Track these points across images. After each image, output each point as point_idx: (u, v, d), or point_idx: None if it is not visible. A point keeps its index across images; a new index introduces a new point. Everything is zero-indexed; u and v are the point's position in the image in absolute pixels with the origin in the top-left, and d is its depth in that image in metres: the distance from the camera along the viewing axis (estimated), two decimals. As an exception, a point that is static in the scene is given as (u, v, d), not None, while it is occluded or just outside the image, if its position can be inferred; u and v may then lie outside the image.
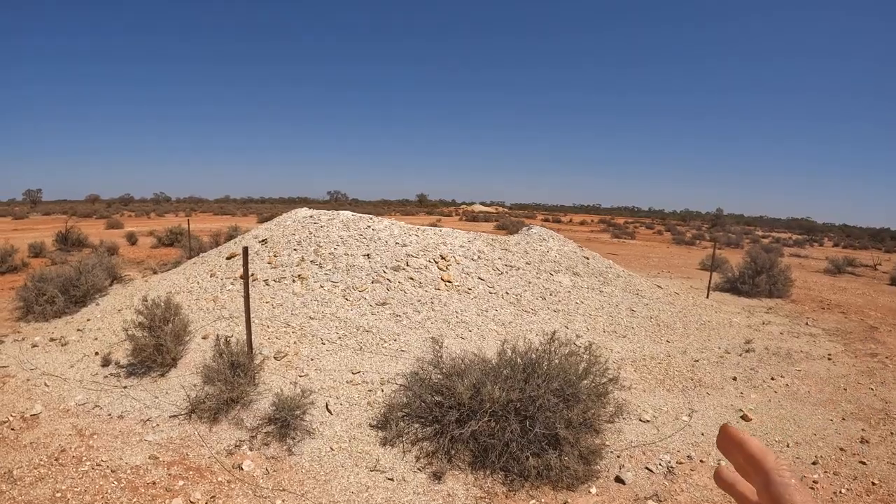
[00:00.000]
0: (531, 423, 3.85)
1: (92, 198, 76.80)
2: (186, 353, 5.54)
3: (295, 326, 5.98)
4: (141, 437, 4.19)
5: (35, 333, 6.81)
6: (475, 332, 6.21)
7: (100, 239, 17.81)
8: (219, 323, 6.17)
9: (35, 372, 5.49)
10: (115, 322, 6.71)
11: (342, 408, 4.59)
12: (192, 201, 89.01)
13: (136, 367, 5.32)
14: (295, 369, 5.22)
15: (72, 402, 4.79)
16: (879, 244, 40.25)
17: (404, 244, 7.99)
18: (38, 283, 7.86)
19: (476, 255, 8.23)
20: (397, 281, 6.98)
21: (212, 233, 17.26)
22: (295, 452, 3.97)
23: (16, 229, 27.35)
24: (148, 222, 35.13)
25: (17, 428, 4.33)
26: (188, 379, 5.07)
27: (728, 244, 29.81)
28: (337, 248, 7.73)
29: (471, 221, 44.10)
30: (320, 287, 6.79)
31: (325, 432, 4.24)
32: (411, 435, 4.12)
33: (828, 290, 13.74)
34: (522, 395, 3.91)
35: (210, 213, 53.27)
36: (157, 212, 51.42)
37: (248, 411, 4.49)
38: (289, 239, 8.23)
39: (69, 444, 4.08)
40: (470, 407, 3.96)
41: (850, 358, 7.25)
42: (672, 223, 60.94)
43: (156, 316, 5.44)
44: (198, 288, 7.28)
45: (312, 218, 9.07)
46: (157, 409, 4.61)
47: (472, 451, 3.91)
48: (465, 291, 7.07)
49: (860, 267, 19.66)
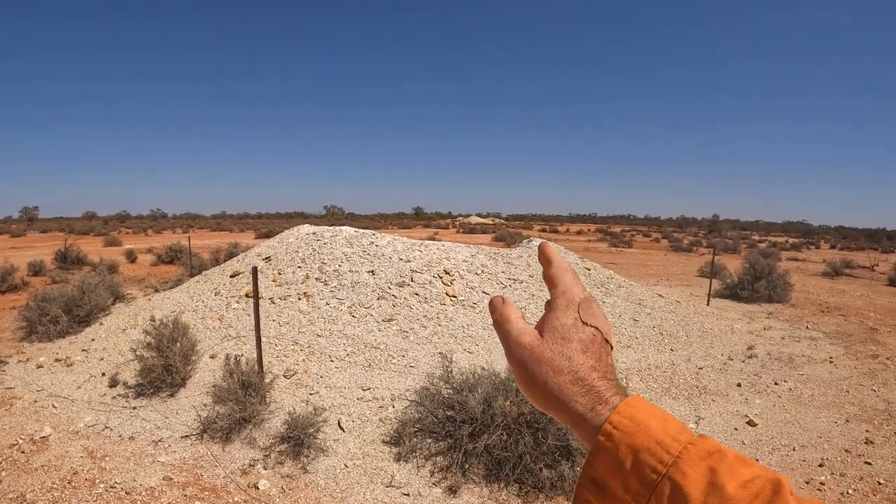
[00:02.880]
0: (544, 434, 3.89)
1: (89, 215, 76.78)
2: (195, 372, 5.55)
3: (303, 344, 6.00)
4: (153, 458, 4.19)
5: (39, 354, 6.81)
6: (482, 346, 6.24)
7: (99, 257, 17.79)
8: (226, 342, 6.18)
9: (42, 393, 5.49)
10: (120, 342, 6.71)
11: (354, 424, 4.61)
12: (189, 217, 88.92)
13: (144, 388, 5.33)
14: (305, 387, 5.23)
15: (81, 424, 4.79)
16: (876, 244, 40.52)
17: (408, 260, 8.03)
18: (40, 302, 7.85)
19: (479, 269, 8.28)
20: (403, 297, 7.02)
21: (211, 249, 17.28)
22: (310, 470, 3.99)
23: (13, 247, 27.30)
24: (146, 239, 35.12)
25: (28, 451, 4.33)
26: (198, 399, 5.07)
27: (725, 250, 29.96)
28: (341, 265, 7.77)
29: (468, 234, 44.12)
30: (326, 304, 6.82)
31: (338, 449, 4.26)
32: (425, 450, 4.14)
33: (826, 293, 13.84)
34: (534, 408, 3.95)
35: (207, 228, 53.25)
36: (154, 228, 51.43)
37: (261, 430, 4.50)
38: (292, 256, 8.26)
39: (81, 466, 4.08)
40: (482, 421, 3.99)
41: (851, 360, 7.31)
42: (669, 230, 61.18)
43: (164, 336, 5.45)
44: (203, 307, 7.29)
45: (315, 235, 9.11)
46: (168, 430, 4.62)
47: (486, 465, 3.94)
48: (471, 306, 7.11)
49: (857, 268, 19.82)
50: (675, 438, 0.50)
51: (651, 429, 0.51)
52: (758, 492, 0.46)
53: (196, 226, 58.14)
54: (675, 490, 0.48)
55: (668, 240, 40.14)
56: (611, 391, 0.54)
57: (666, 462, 0.49)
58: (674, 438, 0.50)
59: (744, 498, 0.46)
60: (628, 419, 0.52)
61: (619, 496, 0.51)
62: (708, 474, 0.48)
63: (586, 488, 0.52)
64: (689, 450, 0.49)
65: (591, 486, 0.52)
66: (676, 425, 0.52)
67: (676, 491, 0.48)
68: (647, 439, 0.50)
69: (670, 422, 0.52)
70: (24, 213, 73.65)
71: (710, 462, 0.48)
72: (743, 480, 0.47)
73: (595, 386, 0.54)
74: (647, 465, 0.49)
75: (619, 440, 0.51)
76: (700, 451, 0.49)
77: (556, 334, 0.55)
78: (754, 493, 0.46)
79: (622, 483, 0.50)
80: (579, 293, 0.58)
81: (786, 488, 0.47)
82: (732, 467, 0.48)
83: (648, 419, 0.52)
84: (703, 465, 0.48)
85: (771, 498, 0.46)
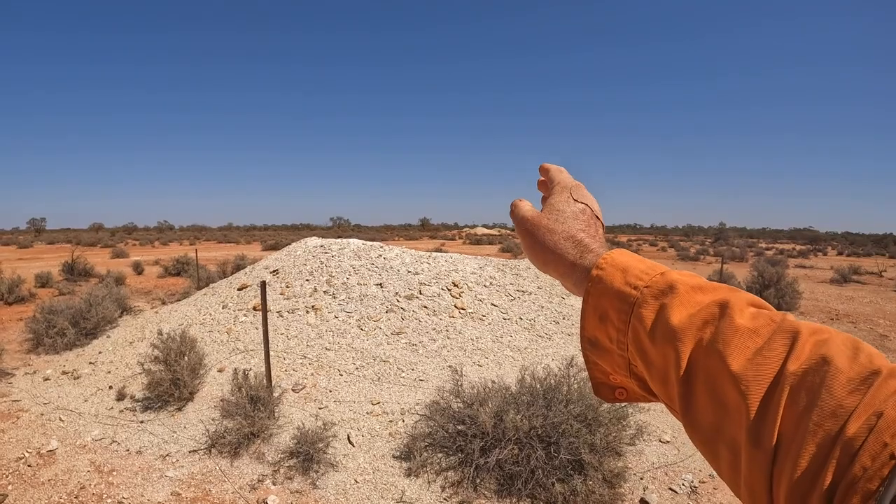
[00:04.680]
0: (556, 448, 3.83)
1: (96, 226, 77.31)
2: (203, 386, 5.52)
3: (311, 358, 5.97)
4: (161, 472, 4.15)
5: (46, 366, 6.80)
6: (491, 358, 6.19)
7: (106, 268, 17.84)
8: (234, 356, 6.15)
9: (49, 406, 5.46)
10: (127, 355, 6.70)
11: (364, 439, 4.56)
12: (196, 229, 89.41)
13: (152, 402, 5.30)
14: (314, 401, 5.19)
15: (88, 438, 4.76)
16: (883, 250, 40.26)
17: (416, 272, 8.01)
18: (47, 314, 7.86)
19: (488, 280, 8.24)
20: (411, 309, 6.99)
21: (218, 262, 17.30)
22: (319, 486, 3.93)
23: (21, 258, 27.49)
24: (153, 251, 35.27)
25: (34, 464, 4.30)
26: (206, 413, 5.04)
27: (732, 258, 29.78)
28: (349, 278, 7.75)
29: (474, 245, 43.91)
30: (335, 317, 6.79)
31: (348, 464, 4.20)
32: (435, 465, 4.09)
33: (835, 300, 13.72)
34: (545, 422, 3.90)
35: (214, 240, 53.47)
36: (161, 240, 51.69)
37: (269, 445, 4.46)
38: (300, 269, 8.25)
39: (88, 480, 4.05)
40: (493, 435, 3.94)
41: (864, 371, 7.21)
42: (675, 239, 61.00)
43: (171, 349, 5.43)
44: (210, 320, 7.28)
45: (323, 247, 9.10)
46: (175, 444, 4.58)
47: (498, 479, 3.88)
48: (480, 318, 7.07)
49: (865, 274, 19.67)
50: (640, 278, 0.54)
51: (630, 268, 0.55)
52: (706, 318, 0.48)
53: (203, 237, 58.41)
54: (636, 335, 0.52)
55: (675, 249, 39.98)
56: (596, 244, 0.61)
57: (631, 303, 0.53)
58: (638, 278, 0.54)
59: (691, 327, 0.48)
60: (610, 264, 0.56)
61: (608, 348, 0.56)
62: (660, 310, 0.51)
63: (586, 349, 0.58)
64: (644, 292, 0.52)
65: (589, 346, 0.58)
66: (646, 265, 0.56)
67: (637, 335, 0.52)
68: (622, 283, 0.54)
69: (644, 263, 0.57)
70: (32, 225, 74.32)
71: (663, 300, 0.51)
72: (691, 312, 0.49)
73: (583, 241, 0.61)
74: (622, 311, 0.53)
75: (600, 292, 0.55)
76: (654, 290, 0.52)
77: (552, 209, 0.65)
78: (703, 321, 0.48)
79: (606, 334, 0.55)
80: (571, 181, 0.70)
81: (734, 305, 0.48)
82: (684, 298, 0.50)
83: (628, 260, 0.57)
84: (656, 304, 0.51)
85: (718, 321, 0.47)
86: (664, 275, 0.53)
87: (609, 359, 0.56)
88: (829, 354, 0.41)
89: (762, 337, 0.45)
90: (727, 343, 0.45)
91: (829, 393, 0.39)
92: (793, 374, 0.41)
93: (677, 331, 0.48)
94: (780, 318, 0.47)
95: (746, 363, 0.44)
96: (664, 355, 0.49)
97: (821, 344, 0.43)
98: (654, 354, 0.50)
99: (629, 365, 0.54)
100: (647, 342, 0.50)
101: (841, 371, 0.40)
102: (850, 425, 0.37)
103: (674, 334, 0.48)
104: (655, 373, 0.50)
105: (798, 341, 0.43)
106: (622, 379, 0.57)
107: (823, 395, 0.39)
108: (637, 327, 0.51)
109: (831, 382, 0.39)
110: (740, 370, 0.43)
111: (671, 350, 0.48)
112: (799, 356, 0.42)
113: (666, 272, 0.54)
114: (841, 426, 0.37)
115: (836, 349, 0.42)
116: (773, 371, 0.43)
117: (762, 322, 0.46)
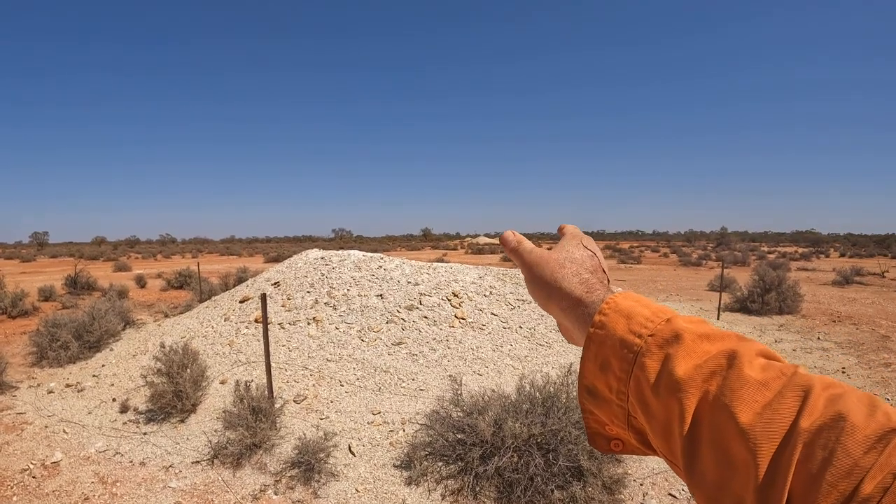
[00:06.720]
0: (555, 456, 3.86)
1: (98, 240, 77.57)
2: (205, 398, 5.57)
3: (313, 369, 6.01)
4: (164, 483, 4.19)
5: (50, 379, 6.85)
6: (492, 367, 6.22)
7: (109, 282, 17.94)
8: (236, 367, 6.20)
9: (53, 418, 5.51)
10: (130, 367, 6.75)
11: (365, 449, 4.60)
12: (198, 242, 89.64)
13: (155, 414, 5.34)
14: (315, 412, 5.23)
15: (92, 449, 4.80)
16: (885, 251, 40.16)
17: (416, 283, 8.06)
18: (51, 328, 7.92)
19: (488, 290, 8.29)
20: (411, 320, 7.04)
21: (220, 274, 17.37)
22: (321, 495, 3.97)
23: (24, 272, 27.58)
24: (155, 264, 35.39)
25: (39, 476, 4.34)
26: (208, 424, 5.08)
27: (735, 262, 29.78)
28: (350, 290, 7.81)
29: (476, 254, 43.89)
30: (335, 329, 6.84)
31: (349, 474, 4.24)
32: (435, 473, 4.12)
33: (837, 301, 13.69)
34: (544, 429, 3.93)
35: (216, 253, 53.60)
36: (163, 253, 51.83)
37: (271, 456, 4.49)
38: (301, 281, 8.31)
39: (92, 492, 4.09)
40: (493, 443, 3.98)
41: (864, 370, 7.22)
42: (677, 244, 60.97)
43: (174, 362, 5.48)
44: (213, 332, 7.33)
45: (324, 259, 9.17)
46: (178, 456, 4.62)
47: (497, 487, 3.91)
48: (480, 328, 7.11)
49: (867, 276, 19.64)
50: (644, 325, 0.52)
51: (634, 314, 0.53)
52: (713, 369, 0.46)
53: (205, 250, 58.56)
54: (638, 385, 0.50)
55: (677, 254, 39.98)
56: (602, 288, 0.60)
57: (634, 352, 0.51)
58: (643, 326, 0.52)
59: (696, 379, 0.46)
60: (613, 309, 0.55)
61: (606, 397, 0.54)
62: (664, 361, 0.49)
63: (584, 398, 0.56)
64: (648, 341, 0.51)
65: (586, 394, 0.56)
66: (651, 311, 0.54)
67: (639, 386, 0.50)
68: (625, 331, 0.52)
69: (649, 308, 0.54)
70: (35, 238, 74.58)
71: (668, 350, 0.49)
72: (697, 362, 0.47)
73: (589, 280, 0.61)
74: (625, 360, 0.51)
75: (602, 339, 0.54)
76: (658, 339, 0.50)
77: (563, 249, 0.65)
78: (709, 372, 0.46)
79: (606, 384, 0.53)
80: (582, 234, 0.70)
81: (743, 355, 0.46)
82: (690, 348, 0.48)
83: (632, 305, 0.55)
84: (661, 353, 0.49)
85: (726, 371, 0.46)
86: (669, 322, 0.51)
87: (607, 409, 0.54)
88: (845, 411, 0.39)
89: (772, 390, 0.43)
90: (735, 396, 0.43)
91: (845, 451, 0.37)
92: (806, 431, 0.39)
93: (682, 382, 0.46)
94: (792, 371, 0.45)
95: (756, 417, 0.42)
96: (667, 408, 0.47)
97: (835, 399, 0.41)
98: (657, 407, 0.48)
99: (628, 416, 0.53)
100: (650, 394, 0.48)
101: (857, 428, 0.38)
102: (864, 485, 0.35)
103: (678, 386, 0.46)
104: (657, 426, 0.48)
105: (811, 395, 0.41)
106: (619, 430, 0.55)
107: (839, 454, 0.37)
108: (640, 378, 0.49)
109: (847, 440, 0.38)
110: (749, 425, 0.42)
111: (675, 403, 0.46)
112: (812, 412, 0.40)
113: (672, 318, 0.52)
114: (855, 486, 0.36)
115: (851, 405, 0.40)
116: (785, 427, 0.41)
117: (773, 374, 0.44)
